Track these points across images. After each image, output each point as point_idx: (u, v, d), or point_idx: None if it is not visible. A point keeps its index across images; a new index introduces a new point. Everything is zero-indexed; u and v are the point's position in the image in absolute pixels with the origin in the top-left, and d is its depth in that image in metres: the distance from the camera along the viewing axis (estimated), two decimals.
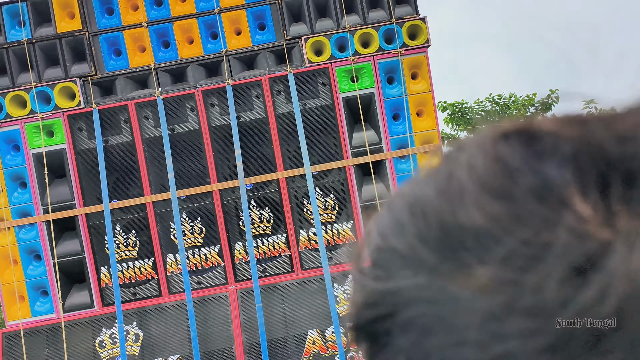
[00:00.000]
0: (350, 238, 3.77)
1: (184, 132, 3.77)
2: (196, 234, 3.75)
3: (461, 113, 18.21)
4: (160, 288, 3.73)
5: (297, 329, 3.60)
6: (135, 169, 3.76)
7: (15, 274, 3.63)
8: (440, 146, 3.85)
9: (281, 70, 3.79)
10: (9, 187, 3.67)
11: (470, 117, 18.29)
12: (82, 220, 3.69)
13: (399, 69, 3.79)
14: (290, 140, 3.80)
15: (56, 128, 3.71)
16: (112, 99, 3.76)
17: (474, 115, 18.27)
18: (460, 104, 18.11)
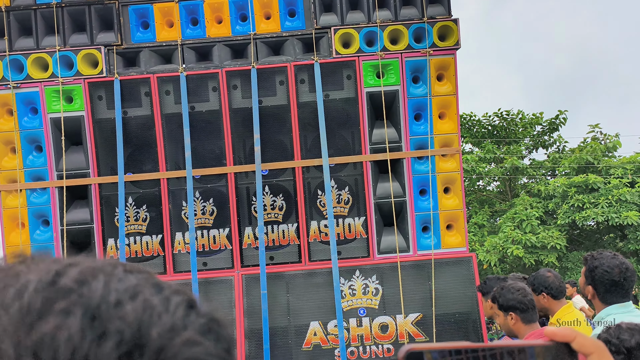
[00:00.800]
0: (360, 233, 3.75)
1: (203, 112, 3.74)
2: (207, 214, 3.72)
3: (468, 125, 18.16)
4: (166, 266, 3.71)
5: (299, 319, 3.58)
6: (152, 143, 3.73)
7: (21, 237, 3.60)
8: (459, 150, 3.81)
9: (307, 59, 3.75)
10: (24, 150, 3.64)
11: (477, 130, 18.23)
12: (95, 189, 3.67)
13: (426, 69, 3.76)
14: (309, 130, 3.77)
15: (76, 94, 3.68)
16: (135, 71, 3.73)
17: (480, 128, 18.21)
18: (468, 116, 18.07)
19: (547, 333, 0.54)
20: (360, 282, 3.64)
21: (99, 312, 0.35)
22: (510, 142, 17.73)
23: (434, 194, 3.73)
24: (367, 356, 3.54)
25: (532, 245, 13.93)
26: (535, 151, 18.51)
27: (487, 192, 18.50)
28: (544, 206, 15.39)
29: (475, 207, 17.59)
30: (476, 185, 17.96)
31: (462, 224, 3.79)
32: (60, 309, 0.34)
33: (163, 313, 0.37)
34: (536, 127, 18.28)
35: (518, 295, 2.52)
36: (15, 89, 3.64)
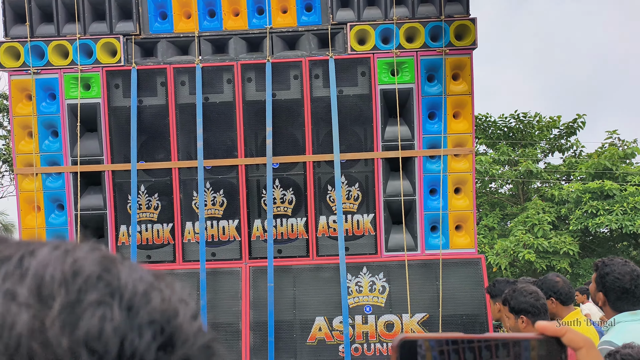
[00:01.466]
0: (369, 230, 3.75)
1: (217, 103, 3.77)
2: (217, 205, 3.76)
3: (483, 126, 18.01)
4: (175, 254, 3.75)
5: (305, 313, 3.60)
6: (165, 133, 3.76)
7: (37, 220, 3.67)
8: (473, 151, 3.79)
9: (322, 54, 3.76)
10: (41, 134, 3.70)
11: (492, 131, 18.07)
12: (108, 176, 3.72)
13: (441, 68, 3.74)
14: (321, 125, 3.78)
15: (93, 82, 3.73)
16: (152, 61, 3.77)
17: (496, 130, 18.04)
18: (483, 117, 17.91)
19: (538, 327, 0.55)
20: (367, 279, 3.65)
21: (132, 302, 0.35)
22: (526, 145, 17.55)
23: (444, 194, 3.72)
24: (371, 354, 3.55)
25: (543, 250, 13.80)
26: (551, 155, 18.29)
27: (499, 195, 18.34)
28: (556, 211, 15.23)
29: (486, 209, 17.45)
30: (488, 187, 17.81)
31: (471, 225, 3.77)
32: (94, 300, 0.34)
33: (178, 303, 0.37)
34: (553, 131, 18.06)
35: (530, 298, 2.50)
36: (35, 75, 3.70)
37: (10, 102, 3.74)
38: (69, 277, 0.35)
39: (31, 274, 0.35)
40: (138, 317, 0.34)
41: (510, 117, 17.91)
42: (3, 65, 3.69)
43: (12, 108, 3.73)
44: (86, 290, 0.34)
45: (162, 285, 0.38)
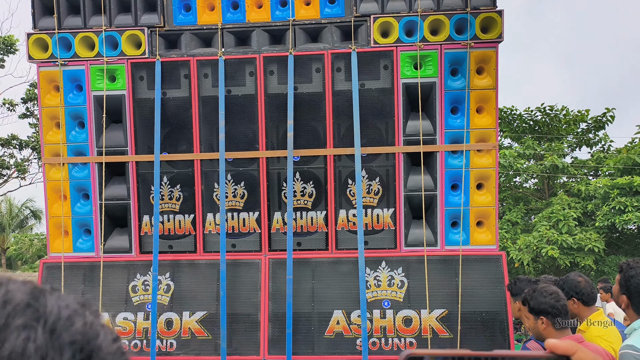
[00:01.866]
0: (389, 225, 3.74)
1: (239, 96, 3.78)
2: (238, 197, 3.79)
3: (508, 120, 17.64)
4: (196, 245, 3.81)
5: (323, 306, 3.62)
6: (188, 125, 3.80)
7: (63, 209, 3.76)
8: (496, 146, 3.73)
9: (345, 47, 3.73)
10: (67, 125, 3.78)
11: (517, 124, 17.70)
12: (132, 167, 3.78)
13: (466, 62, 3.67)
14: (342, 118, 3.76)
15: (119, 74, 3.78)
16: (176, 53, 3.80)
17: (521, 123, 17.65)
18: (509, 110, 17.53)
19: (547, 345, 0.54)
20: (386, 273, 3.64)
21: (55, 326, 0.40)
22: (552, 139, 17.18)
23: (466, 190, 3.68)
24: (389, 348, 3.55)
25: (568, 246, 13.54)
26: (578, 149, 17.87)
27: (524, 189, 18.03)
28: (582, 207, 14.90)
29: (509, 203, 17.19)
30: (512, 181, 17.52)
31: (493, 221, 3.72)
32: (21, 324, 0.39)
33: (100, 327, 0.43)
34: (581, 125, 17.63)
35: (551, 299, 2.46)
36: (62, 67, 3.77)
37: (39, 93, 3.83)
38: (0, 305, 0.40)
39: None
40: (60, 339, 0.39)
41: (537, 110, 17.52)
42: (32, 57, 3.77)
43: (40, 99, 3.81)
44: (14, 316, 0.39)
45: (87, 312, 0.43)
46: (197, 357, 3.61)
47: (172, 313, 3.69)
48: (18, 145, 18.19)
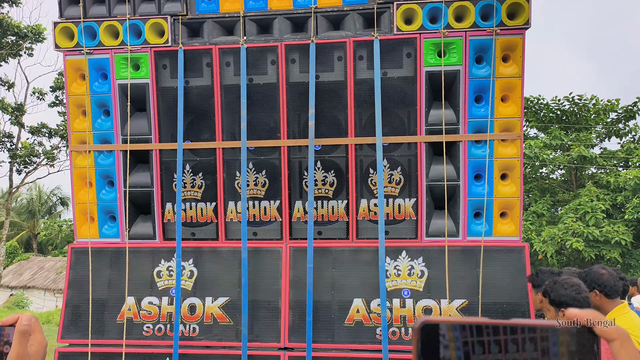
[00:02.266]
0: (410, 215, 3.71)
1: (261, 84, 3.79)
2: (259, 186, 3.81)
3: (535, 109, 17.22)
4: (218, 232, 3.85)
5: (343, 295, 3.63)
6: (210, 113, 3.83)
7: (89, 196, 3.85)
8: (521, 136, 3.65)
9: (367, 35, 3.69)
10: (93, 113, 3.85)
11: (544, 114, 17.26)
12: (156, 155, 3.84)
13: (491, 49, 3.60)
14: (364, 107, 3.74)
15: (142, 62, 3.82)
16: (198, 42, 3.82)
17: (548, 113, 17.22)
18: (535, 99, 17.11)
19: (568, 315, 0.52)
20: (406, 263, 3.63)
21: None
22: (581, 129, 16.75)
23: (489, 180, 3.62)
24: (409, 338, 3.55)
25: (594, 239, 13.25)
26: (607, 140, 17.40)
27: (550, 181, 17.67)
28: (611, 199, 14.54)
29: (535, 195, 16.88)
30: (538, 172, 17.19)
31: (517, 212, 3.66)
32: None
33: None
34: (610, 114, 17.14)
35: (572, 291, 2.42)
36: (88, 55, 3.83)
37: (65, 82, 3.90)
38: None
39: None
40: None
41: (564, 99, 17.09)
42: (59, 46, 3.84)
43: (67, 87, 3.89)
44: None
45: None
46: (219, 342, 3.67)
47: (195, 298, 3.75)
48: (47, 134, 18.63)
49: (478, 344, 0.49)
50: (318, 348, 3.54)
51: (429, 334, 0.50)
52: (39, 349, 0.89)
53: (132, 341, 3.73)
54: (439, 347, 0.49)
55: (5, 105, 16.94)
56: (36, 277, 23.27)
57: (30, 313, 0.91)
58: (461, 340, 0.50)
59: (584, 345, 0.51)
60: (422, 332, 0.50)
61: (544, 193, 16.91)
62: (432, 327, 0.50)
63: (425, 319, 0.50)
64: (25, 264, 24.63)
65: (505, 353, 0.50)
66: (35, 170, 19.18)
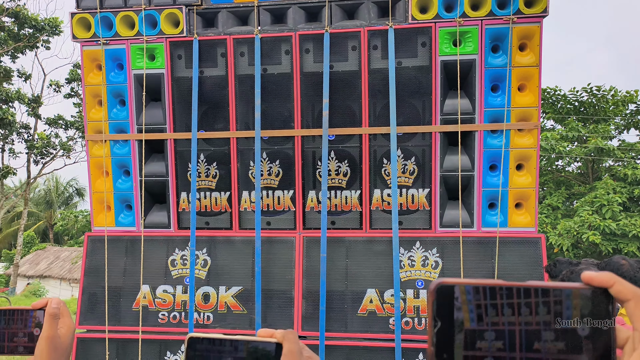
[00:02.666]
0: (424, 205, 3.70)
1: (275, 74, 3.79)
2: (273, 175, 3.82)
3: (552, 100, 16.97)
4: (232, 222, 3.88)
5: (356, 285, 3.64)
6: (224, 103, 3.84)
7: (105, 185, 3.90)
8: (538, 126, 3.61)
9: (382, 24, 3.67)
10: (109, 103, 3.89)
11: (561, 106, 17.01)
12: (171, 144, 3.87)
13: (508, 38, 3.55)
14: (378, 97, 3.72)
15: (158, 52, 3.84)
16: (213, 32, 3.83)
17: (566, 104, 16.95)
18: (553, 90, 16.85)
19: (584, 277, 0.52)
20: (420, 253, 3.62)
21: None
22: (599, 121, 16.48)
23: (505, 170, 3.59)
24: (422, 328, 3.55)
25: (611, 232, 13.08)
26: (626, 132, 17.10)
27: (566, 173, 17.44)
28: (629, 192, 14.31)
29: (550, 187, 16.68)
30: (554, 164, 16.98)
31: (532, 203, 3.62)
32: None
33: None
34: (630, 106, 16.83)
35: None
36: (104, 46, 3.86)
37: (82, 72, 3.94)
38: None
39: None
40: None
41: (583, 90, 16.82)
42: (76, 36, 3.87)
43: (84, 77, 3.93)
44: None
45: None
46: (232, 330, 3.71)
47: (209, 287, 3.79)
48: (64, 125, 18.86)
49: (491, 306, 0.50)
50: (331, 337, 3.56)
51: (444, 295, 0.50)
52: (67, 331, 0.92)
53: (148, 328, 3.79)
54: (453, 309, 0.50)
55: (22, 96, 17.18)
56: (52, 266, 23.69)
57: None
58: (474, 303, 0.50)
59: (599, 306, 0.51)
60: (437, 293, 0.50)
61: (559, 186, 16.71)
62: (447, 288, 0.50)
63: (441, 281, 0.51)
64: (41, 253, 25.09)
65: (519, 316, 0.50)
66: (52, 161, 19.45)
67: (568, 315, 0.50)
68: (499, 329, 0.50)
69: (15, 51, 16.52)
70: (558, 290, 0.50)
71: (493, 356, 0.49)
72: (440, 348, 0.50)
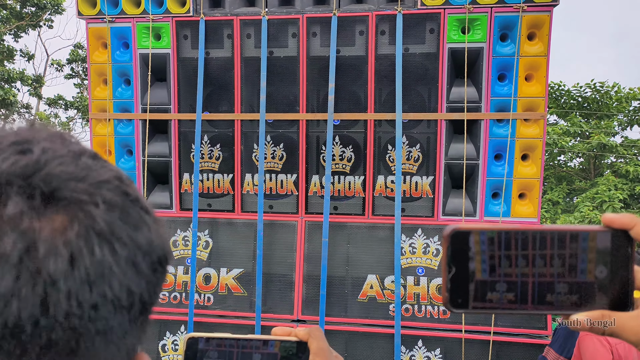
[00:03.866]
0: (427, 193, 3.69)
1: (281, 57, 3.76)
2: (276, 159, 3.81)
3: (555, 95, 16.90)
4: (234, 204, 3.87)
5: (357, 270, 3.64)
6: (230, 85, 3.82)
7: None
8: (544, 116, 3.59)
9: (391, 9, 3.63)
10: (114, 82, 3.86)
11: (565, 101, 16.94)
12: (174, 125, 3.85)
13: (517, 26, 3.51)
14: (384, 83, 3.69)
15: (164, 32, 3.81)
16: (220, 12, 3.79)
17: (569, 100, 16.89)
18: (556, 85, 16.78)
19: (604, 219, 0.51)
20: (422, 241, 3.62)
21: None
22: (602, 117, 16.43)
23: (510, 160, 3.58)
24: (422, 315, 3.56)
25: None
26: (629, 129, 17.05)
27: (568, 169, 17.42)
28: (630, 188, 14.31)
29: (551, 182, 16.68)
30: (556, 160, 16.95)
31: (536, 193, 3.62)
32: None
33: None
34: (633, 103, 16.76)
35: None
36: (110, 23, 3.83)
37: (87, 50, 3.91)
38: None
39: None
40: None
41: (586, 86, 16.74)
42: (81, 13, 3.84)
43: (89, 55, 3.90)
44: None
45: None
46: (233, 312, 3.72)
47: (210, 269, 3.79)
48: (64, 106, 18.79)
49: (505, 257, 0.49)
50: (331, 322, 3.57)
51: (459, 241, 0.50)
52: None
53: None
54: (468, 255, 0.49)
55: (25, 77, 17.11)
56: None
57: None
58: (488, 254, 0.50)
59: (619, 248, 0.50)
60: (452, 239, 0.50)
61: (560, 181, 16.70)
62: (462, 235, 0.50)
63: (457, 227, 0.50)
64: None
65: (532, 267, 0.49)
66: None
67: (584, 258, 0.50)
68: (511, 280, 0.49)
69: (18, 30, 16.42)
70: (575, 232, 0.50)
71: (502, 307, 0.49)
72: (455, 293, 0.49)
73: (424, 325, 3.53)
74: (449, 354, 3.49)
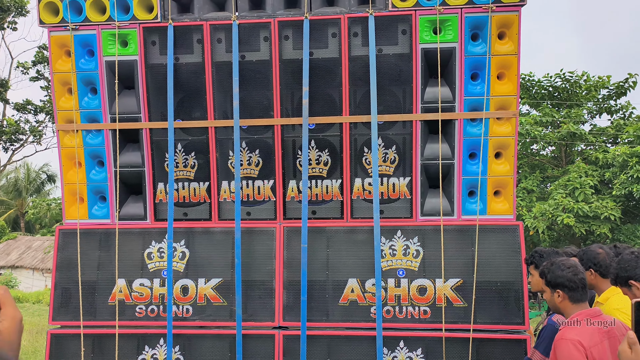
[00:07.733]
0: (405, 194, 3.69)
1: (254, 61, 3.70)
2: (252, 165, 3.76)
3: (527, 86, 17.19)
4: (211, 212, 3.81)
5: (337, 274, 3.63)
6: (201, 91, 3.74)
7: (78, 176, 3.77)
8: (516, 114, 3.62)
9: (362, 11, 3.60)
10: (80, 91, 3.74)
11: (536, 91, 17.25)
12: (146, 134, 3.76)
13: (487, 26, 3.53)
14: (359, 85, 3.67)
15: (130, 39, 3.71)
16: (189, 17, 3.70)
17: (540, 90, 17.20)
18: (527, 76, 17.06)
19: None
20: (402, 242, 3.62)
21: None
22: (572, 106, 16.78)
23: (484, 159, 3.61)
24: (403, 316, 3.57)
25: (584, 214, 13.41)
26: (598, 117, 17.46)
27: (541, 157, 17.77)
28: (599, 175, 14.68)
29: (525, 171, 16.99)
30: (529, 149, 17.26)
31: (510, 191, 3.66)
32: None
33: None
34: (601, 91, 17.17)
35: (568, 273, 2.43)
36: (74, 31, 3.70)
37: (50, 59, 3.78)
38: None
39: None
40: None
41: (556, 76, 17.07)
42: (43, 21, 3.70)
43: (52, 64, 3.77)
44: None
45: None
46: (213, 322, 3.67)
47: (188, 280, 3.73)
48: (33, 110, 18.28)
49: None
50: (313, 327, 3.56)
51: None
52: (11, 324, 0.77)
53: (125, 322, 3.72)
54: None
55: None
56: (24, 256, 23.13)
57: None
58: None
59: None
60: (636, 308, 0.50)
61: (534, 169, 17.02)
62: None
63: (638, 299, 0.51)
64: (12, 243, 24.45)
65: None
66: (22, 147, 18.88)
67: None
68: None
69: None
70: None
71: None
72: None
73: (405, 326, 3.54)
74: (431, 353, 3.51)
